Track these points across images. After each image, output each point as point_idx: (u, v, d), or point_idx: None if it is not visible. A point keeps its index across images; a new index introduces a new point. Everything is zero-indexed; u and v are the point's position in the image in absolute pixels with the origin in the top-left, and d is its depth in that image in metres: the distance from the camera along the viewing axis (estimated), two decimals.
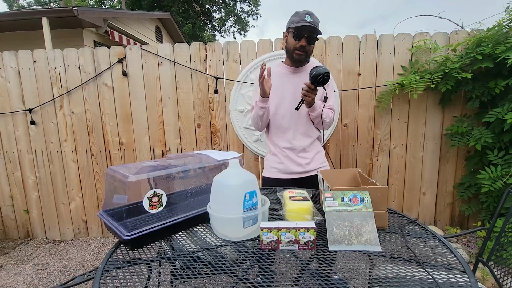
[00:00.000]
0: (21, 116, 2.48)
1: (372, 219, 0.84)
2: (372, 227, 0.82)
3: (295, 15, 1.33)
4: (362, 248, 0.81)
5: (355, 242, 0.81)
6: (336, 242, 0.81)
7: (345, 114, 2.33)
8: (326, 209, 0.87)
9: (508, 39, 1.86)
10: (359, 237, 0.82)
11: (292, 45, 1.37)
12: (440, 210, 2.40)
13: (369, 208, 0.85)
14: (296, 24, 1.30)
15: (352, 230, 0.83)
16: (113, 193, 0.91)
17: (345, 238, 0.82)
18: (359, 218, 0.84)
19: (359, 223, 0.83)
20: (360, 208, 0.85)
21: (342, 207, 0.86)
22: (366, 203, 0.86)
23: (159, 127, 2.45)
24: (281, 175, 1.47)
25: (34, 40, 4.61)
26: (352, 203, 0.86)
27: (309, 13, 1.30)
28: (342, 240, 0.82)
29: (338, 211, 0.86)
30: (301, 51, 1.36)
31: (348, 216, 0.85)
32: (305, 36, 1.31)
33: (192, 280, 0.68)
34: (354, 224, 0.84)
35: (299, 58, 1.38)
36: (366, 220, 0.84)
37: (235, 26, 18.06)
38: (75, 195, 2.58)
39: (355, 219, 0.84)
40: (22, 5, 18.48)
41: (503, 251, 1.05)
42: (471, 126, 2.13)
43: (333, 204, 0.87)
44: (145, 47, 2.36)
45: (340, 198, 0.88)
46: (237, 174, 0.84)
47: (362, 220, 0.84)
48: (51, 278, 2.06)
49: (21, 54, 2.41)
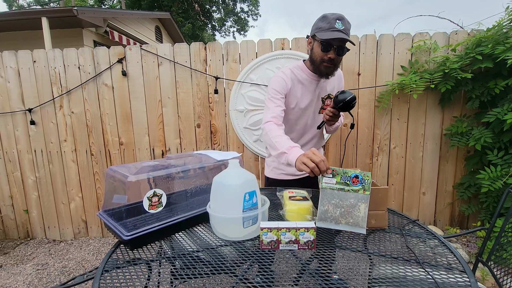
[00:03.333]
0: (21, 116, 2.48)
1: (367, 202, 0.80)
2: (364, 211, 0.79)
3: (323, 20, 1.12)
4: (348, 228, 0.79)
5: (343, 222, 0.79)
6: (324, 220, 0.79)
7: (345, 114, 2.33)
8: (323, 186, 0.84)
9: (507, 39, 1.86)
10: (349, 218, 0.79)
11: (319, 56, 1.17)
12: (440, 210, 2.40)
13: (367, 191, 0.81)
14: (324, 33, 1.10)
15: (344, 210, 0.80)
16: (113, 193, 0.91)
17: (334, 218, 0.79)
18: (354, 200, 0.80)
19: (352, 205, 0.80)
20: (358, 189, 0.82)
21: (340, 185, 0.83)
22: (366, 185, 0.81)
23: (159, 127, 2.45)
24: (286, 176, 1.46)
25: (34, 40, 4.61)
26: (351, 183, 0.82)
27: (340, 18, 1.09)
28: (331, 219, 0.79)
29: (333, 189, 0.82)
30: (330, 63, 1.17)
31: (343, 195, 0.81)
32: (335, 47, 1.12)
33: (192, 280, 0.68)
34: (347, 204, 0.80)
35: (327, 72, 1.21)
36: (361, 202, 0.80)
37: (235, 26, 18.06)
38: (75, 195, 2.58)
39: (349, 200, 0.80)
40: (21, 5, 18.47)
41: (503, 251, 1.05)
42: (471, 126, 2.13)
43: (330, 182, 0.83)
44: (145, 47, 2.36)
45: (340, 176, 0.84)
46: (237, 174, 0.84)
47: (356, 202, 0.80)
48: (51, 278, 2.06)
49: (21, 54, 2.41)
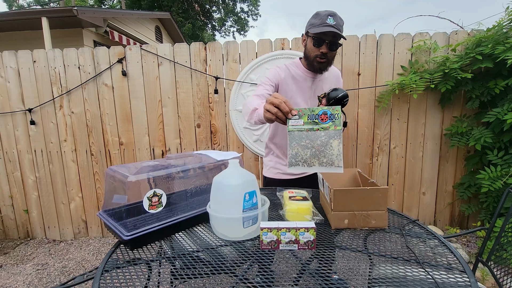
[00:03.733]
0: (21, 116, 2.48)
1: (340, 138, 0.75)
2: (338, 148, 0.74)
3: (316, 17, 1.16)
4: (323, 170, 0.74)
5: (316, 163, 0.74)
6: (295, 165, 0.75)
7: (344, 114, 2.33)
8: (289, 128, 0.79)
9: (507, 39, 1.86)
10: (322, 158, 0.74)
11: (312, 52, 1.20)
12: (440, 210, 2.40)
13: (338, 126, 0.76)
14: (316, 28, 1.14)
15: (315, 150, 0.75)
16: (113, 193, 0.91)
17: (306, 160, 0.74)
18: (325, 137, 0.75)
19: (324, 143, 0.75)
20: (328, 126, 0.77)
21: (308, 125, 0.77)
22: (336, 121, 0.76)
23: (159, 127, 2.45)
24: (283, 175, 1.46)
25: (34, 40, 4.61)
26: (320, 121, 0.77)
27: (332, 14, 1.12)
28: (302, 163, 0.74)
29: (302, 131, 0.77)
30: (322, 58, 1.20)
31: (313, 135, 0.76)
32: (327, 42, 1.15)
33: (192, 280, 0.68)
34: (318, 144, 0.75)
35: (320, 67, 1.23)
36: (332, 139, 0.75)
37: (235, 26, 18.06)
38: (75, 195, 2.58)
39: (320, 139, 0.75)
40: (21, 5, 18.47)
41: (503, 251, 1.05)
42: (470, 126, 2.13)
43: (297, 123, 0.78)
44: (144, 47, 2.36)
45: (306, 116, 0.78)
46: (237, 174, 0.84)
47: (328, 139, 0.75)
48: (51, 278, 2.06)
49: (21, 54, 2.41)
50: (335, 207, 0.87)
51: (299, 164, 0.76)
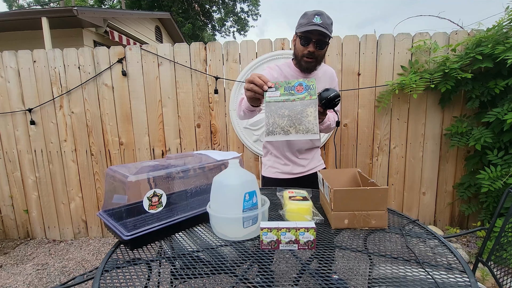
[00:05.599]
0: (21, 116, 2.48)
1: (315, 107, 0.78)
2: (314, 116, 0.77)
3: (303, 17, 1.18)
4: (300, 137, 0.76)
5: (292, 131, 0.76)
6: (272, 133, 0.77)
7: (345, 114, 2.33)
8: (266, 100, 0.82)
9: (507, 39, 1.86)
10: (298, 126, 0.76)
11: (300, 51, 1.21)
12: (440, 210, 2.40)
13: (313, 96, 0.79)
14: (303, 27, 1.14)
15: (291, 119, 0.77)
16: (113, 193, 0.91)
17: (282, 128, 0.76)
18: (301, 107, 0.78)
19: (300, 112, 0.77)
20: (303, 96, 0.79)
21: (284, 96, 0.80)
22: (311, 91, 0.79)
23: (159, 127, 2.45)
24: (282, 175, 1.46)
25: (34, 40, 4.61)
26: (296, 91, 0.80)
27: (319, 14, 1.13)
28: (279, 131, 0.76)
29: (278, 101, 0.80)
30: (310, 57, 1.20)
31: (289, 105, 0.79)
32: (314, 41, 1.15)
33: (192, 280, 0.68)
34: (294, 113, 0.77)
35: (307, 66, 1.24)
36: (308, 108, 0.77)
37: (235, 26, 18.05)
38: (75, 195, 2.58)
39: (295, 108, 0.78)
40: (21, 5, 18.47)
41: (503, 251, 1.05)
42: (470, 126, 2.13)
43: (274, 95, 0.82)
44: (145, 47, 2.36)
45: (283, 88, 0.82)
46: (237, 174, 0.84)
47: (304, 108, 0.77)
48: (51, 278, 2.06)
49: (21, 54, 2.41)
50: (335, 207, 0.87)
51: (276, 132, 0.78)
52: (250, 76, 0.93)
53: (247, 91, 0.93)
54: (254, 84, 0.89)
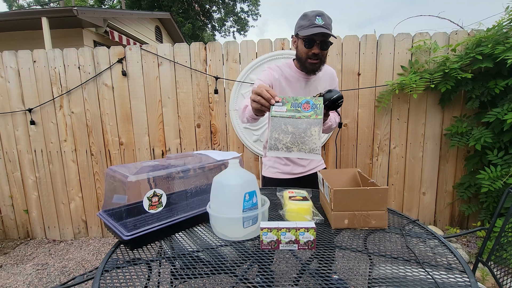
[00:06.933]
0: (21, 116, 2.48)
1: (319, 127, 0.78)
2: (318, 136, 0.77)
3: (304, 18, 1.17)
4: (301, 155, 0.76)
5: (295, 149, 0.76)
6: (275, 149, 0.77)
7: (345, 114, 2.33)
8: (272, 114, 0.82)
9: (507, 39, 1.86)
10: (301, 144, 0.77)
11: (304, 53, 1.20)
12: (440, 210, 2.40)
13: (319, 116, 0.79)
14: (306, 30, 1.14)
15: (295, 137, 0.78)
16: (113, 193, 0.91)
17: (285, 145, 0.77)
18: (305, 125, 0.78)
19: (304, 130, 0.77)
20: (309, 115, 0.79)
21: (290, 113, 0.80)
22: (317, 110, 0.80)
23: (159, 127, 2.45)
24: (283, 175, 1.46)
25: (34, 40, 4.61)
26: (302, 109, 0.80)
27: (320, 14, 1.13)
28: (281, 147, 0.77)
29: (284, 117, 0.80)
30: (315, 59, 1.19)
31: (294, 122, 0.79)
32: (318, 42, 1.15)
33: (192, 280, 0.68)
34: (298, 130, 0.78)
35: (312, 68, 1.23)
36: (313, 127, 0.78)
37: (235, 26, 18.06)
38: (75, 195, 2.58)
39: (300, 126, 0.78)
40: (21, 5, 18.47)
41: (503, 251, 1.05)
42: (470, 126, 2.13)
43: (280, 110, 0.82)
44: (144, 47, 2.36)
45: (290, 104, 0.82)
46: (237, 174, 0.84)
47: (308, 126, 0.78)
48: (51, 278, 2.06)
49: (21, 54, 2.41)
50: (335, 207, 0.87)
51: (279, 148, 0.79)
52: (258, 87, 0.92)
53: (253, 102, 0.92)
54: (261, 97, 0.89)
